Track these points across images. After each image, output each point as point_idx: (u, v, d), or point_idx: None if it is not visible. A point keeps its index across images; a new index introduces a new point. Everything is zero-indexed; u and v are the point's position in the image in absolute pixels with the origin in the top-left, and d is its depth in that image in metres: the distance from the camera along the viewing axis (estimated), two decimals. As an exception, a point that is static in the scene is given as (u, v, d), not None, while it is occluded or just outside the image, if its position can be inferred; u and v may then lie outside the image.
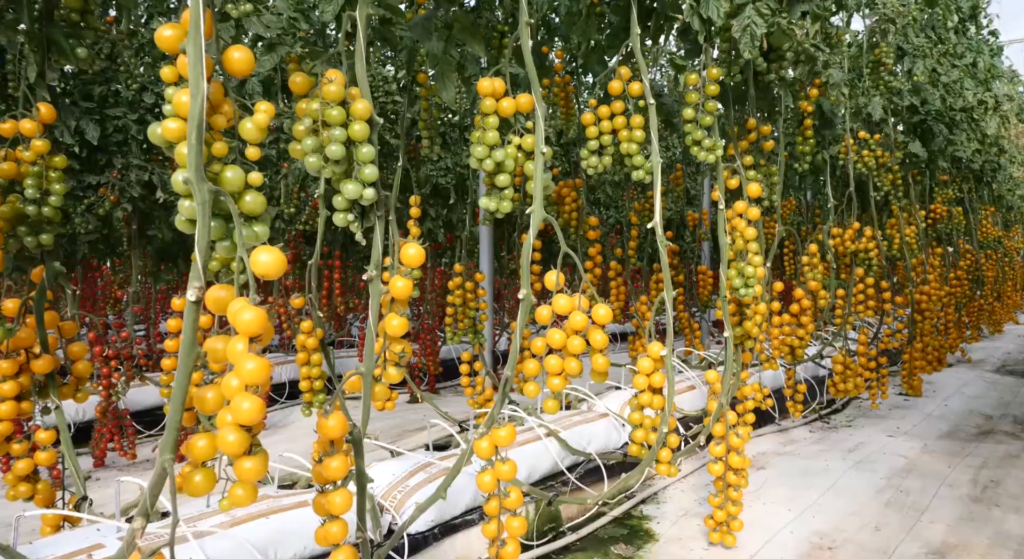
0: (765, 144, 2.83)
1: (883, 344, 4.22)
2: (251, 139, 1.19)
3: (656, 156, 2.08)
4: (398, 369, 1.46)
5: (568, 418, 2.83)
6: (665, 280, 2.08)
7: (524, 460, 2.47)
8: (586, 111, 2.21)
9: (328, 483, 1.31)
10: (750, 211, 2.42)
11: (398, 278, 1.41)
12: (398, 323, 1.41)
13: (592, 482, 2.67)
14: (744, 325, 2.65)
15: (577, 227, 3.55)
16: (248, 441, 1.06)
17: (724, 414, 2.37)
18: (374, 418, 4.46)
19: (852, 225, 3.92)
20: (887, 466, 3.22)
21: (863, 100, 4.13)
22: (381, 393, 1.42)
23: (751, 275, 2.40)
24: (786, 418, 4.22)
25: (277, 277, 1.11)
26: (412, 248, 1.41)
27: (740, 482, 2.36)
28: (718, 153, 2.29)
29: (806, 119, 3.30)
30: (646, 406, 2.12)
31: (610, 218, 7.16)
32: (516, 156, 1.71)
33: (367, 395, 1.39)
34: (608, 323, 1.60)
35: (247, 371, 1.04)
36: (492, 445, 1.52)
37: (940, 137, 4.76)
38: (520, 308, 1.58)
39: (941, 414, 4.39)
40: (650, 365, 2.07)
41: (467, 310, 3.32)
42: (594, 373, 1.65)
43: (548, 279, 1.68)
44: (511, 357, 1.57)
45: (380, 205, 1.40)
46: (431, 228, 5.22)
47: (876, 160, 4.13)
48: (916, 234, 4.65)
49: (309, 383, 2.53)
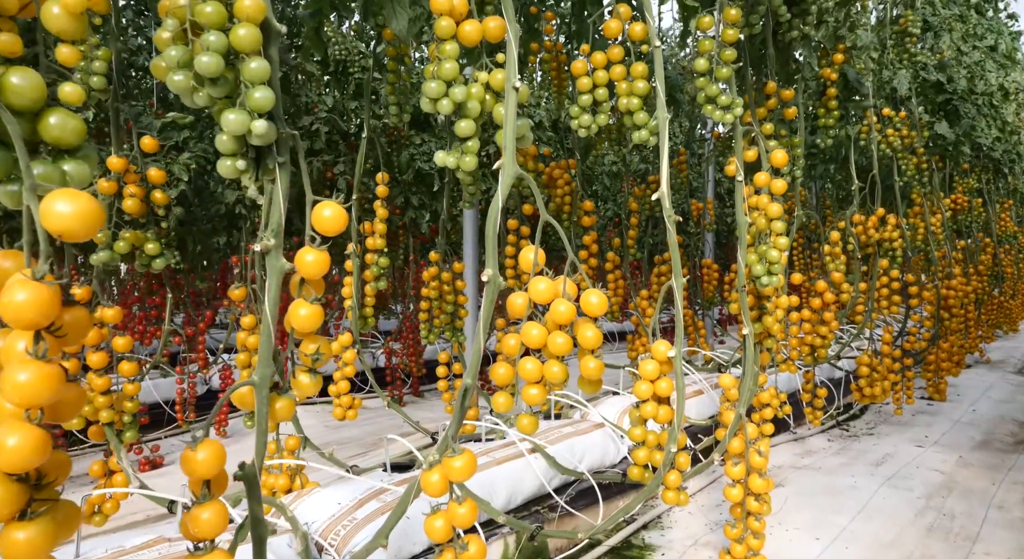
0: (786, 111, 2.44)
1: (908, 344, 3.82)
2: (61, 31, 0.79)
3: (663, 111, 1.69)
4: (311, 377, 1.06)
5: (557, 429, 2.43)
6: (674, 264, 1.68)
7: (504, 481, 2.08)
8: (577, 58, 1.82)
9: (200, 541, 0.91)
10: (774, 183, 2.02)
11: (308, 251, 1.01)
12: (308, 313, 1.01)
13: (585, 506, 2.27)
14: (764, 321, 2.25)
15: (571, 213, 3.16)
16: (22, 497, 0.66)
17: (743, 427, 1.98)
18: (345, 425, 4.03)
19: (876, 212, 3.53)
20: (923, 483, 2.82)
21: (887, 74, 3.74)
22: (284, 411, 1.02)
23: (775, 260, 2.01)
24: (800, 425, 3.82)
25: (83, 238, 0.71)
26: (328, 208, 1.01)
27: (762, 509, 1.96)
28: (737, 112, 1.89)
29: (829, 88, 2.90)
30: (650, 419, 1.72)
31: (608, 211, 6.77)
32: (483, 98, 1.31)
33: (261, 414, 0.99)
34: (602, 314, 1.21)
35: (17, 386, 0.65)
36: (444, 480, 1.12)
37: (967, 119, 4.38)
38: (485, 294, 1.17)
39: (970, 421, 4.00)
40: (655, 369, 1.68)
41: (444, 305, 2.92)
42: (584, 381, 1.25)
43: (523, 257, 1.28)
44: (472, 359, 1.17)
45: (282, 147, 1.00)
46: (414, 217, 4.82)
47: (901, 141, 3.74)
48: (941, 224, 4.26)
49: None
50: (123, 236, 1.79)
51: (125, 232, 1.80)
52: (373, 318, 2.76)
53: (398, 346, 4.89)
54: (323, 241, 1.03)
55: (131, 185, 1.79)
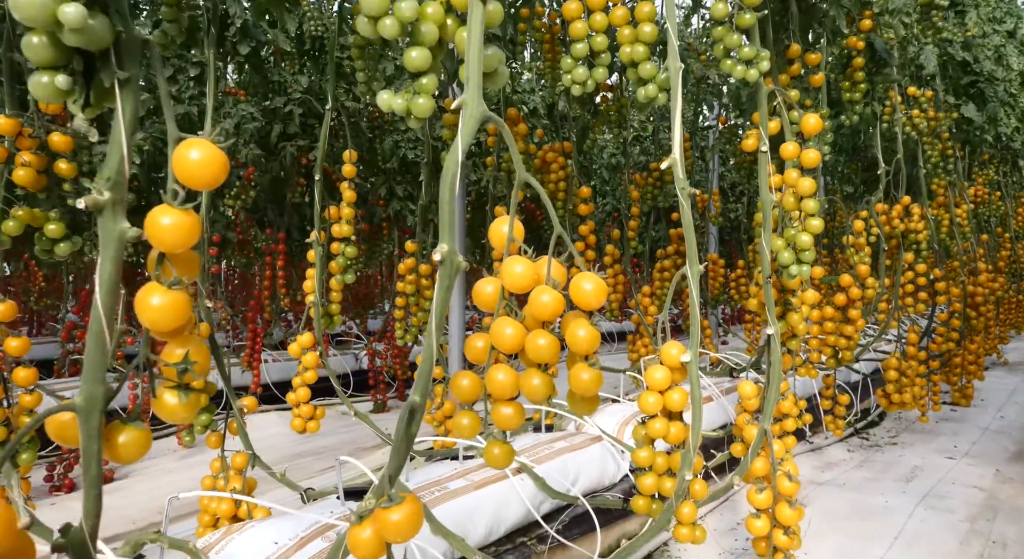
0: (812, 78, 2.13)
1: (934, 345, 3.50)
2: None
3: (675, 59, 1.37)
4: (180, 397, 0.73)
5: (547, 445, 2.11)
6: (689, 248, 1.36)
7: (484, 509, 1.75)
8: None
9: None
10: (805, 154, 1.70)
11: (166, 210, 0.68)
12: (165, 303, 0.68)
13: (580, 535, 1.95)
14: (788, 318, 1.93)
15: (566, 201, 2.84)
16: None
17: (769, 444, 1.65)
18: (319, 434, 3.69)
19: (902, 200, 3.21)
20: (963, 502, 2.50)
21: (912, 49, 3.42)
22: (130, 448, 0.70)
23: (806, 246, 1.69)
24: (816, 434, 3.51)
25: None
26: (197, 149, 0.69)
27: (792, 544, 1.64)
28: (763, 66, 1.58)
29: (856, 58, 2.58)
30: (658, 438, 1.40)
31: (606, 205, 6.45)
32: (443, 21, 0.99)
33: (90, 452, 0.66)
34: (599, 306, 0.89)
35: None
36: (378, 539, 0.80)
37: (994, 103, 4.06)
38: (438, 279, 0.85)
39: (1000, 428, 3.68)
40: (665, 377, 1.35)
41: (423, 301, 2.60)
42: (575, 398, 0.93)
43: (495, 230, 0.96)
44: (421, 369, 0.84)
45: (127, 58, 0.67)
46: (399, 209, 4.48)
47: (927, 123, 3.42)
48: (967, 216, 3.95)
49: (189, 398, 1.82)
50: (14, 214, 1.47)
51: (17, 209, 1.47)
52: (340, 317, 2.43)
53: (382, 347, 4.57)
54: (191, 197, 0.71)
55: (25, 152, 1.47)
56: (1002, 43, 4.62)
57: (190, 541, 1.39)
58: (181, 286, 0.69)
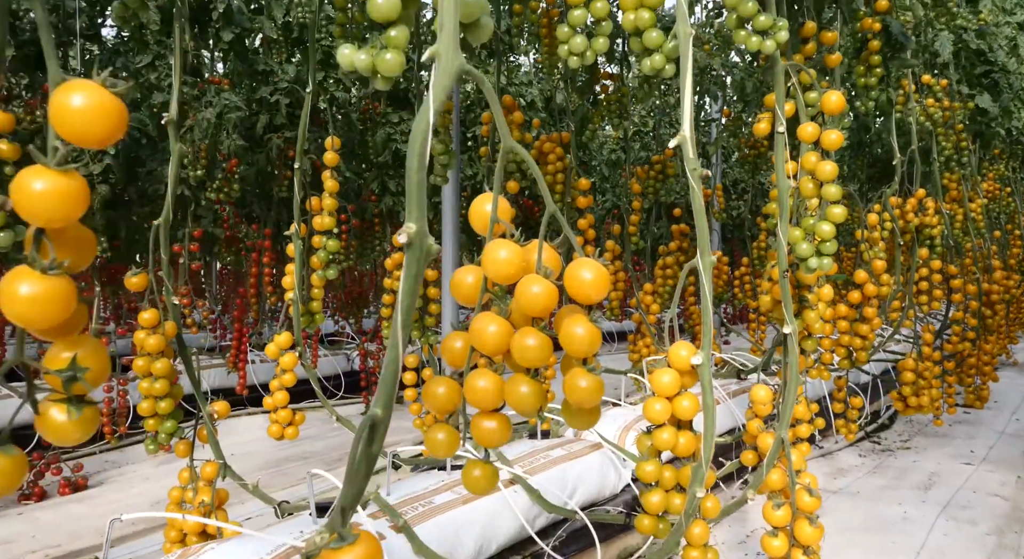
0: (828, 58, 1.98)
1: (948, 345, 3.35)
2: None
3: (684, 24, 1.21)
4: (71, 412, 0.58)
5: (543, 453, 1.95)
6: (700, 237, 1.20)
7: (473, 526, 1.60)
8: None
9: None
10: (826, 136, 1.54)
11: (42, 172, 0.53)
12: (38, 292, 0.53)
13: (579, 551, 1.79)
14: (804, 316, 1.78)
15: (564, 193, 2.69)
16: None
17: (786, 455, 1.50)
18: (308, 438, 3.52)
19: (916, 193, 3.05)
20: (987, 513, 2.35)
21: (926, 36, 3.27)
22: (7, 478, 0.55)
23: (827, 236, 1.54)
24: (826, 438, 3.36)
25: None
26: (80, 94, 0.53)
27: (813, 565, 1.48)
28: (780, 37, 1.42)
29: (872, 40, 2.43)
30: (666, 450, 1.25)
31: (606, 202, 6.30)
32: (414, -37, 0.83)
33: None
34: (601, 299, 0.74)
35: None
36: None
37: (1008, 94, 3.91)
38: (405, 265, 0.69)
39: (1016, 432, 3.53)
40: (673, 382, 1.20)
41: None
42: (571, 409, 0.78)
43: (476, 209, 0.81)
44: (383, 375, 0.69)
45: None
46: (392, 204, 4.33)
47: (942, 113, 3.27)
48: (982, 210, 3.80)
49: (153, 404, 1.70)
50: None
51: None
52: (322, 315, 2.28)
53: (374, 347, 4.41)
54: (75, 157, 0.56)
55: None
56: (1013, 34, 4.47)
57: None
58: (60, 271, 0.53)
